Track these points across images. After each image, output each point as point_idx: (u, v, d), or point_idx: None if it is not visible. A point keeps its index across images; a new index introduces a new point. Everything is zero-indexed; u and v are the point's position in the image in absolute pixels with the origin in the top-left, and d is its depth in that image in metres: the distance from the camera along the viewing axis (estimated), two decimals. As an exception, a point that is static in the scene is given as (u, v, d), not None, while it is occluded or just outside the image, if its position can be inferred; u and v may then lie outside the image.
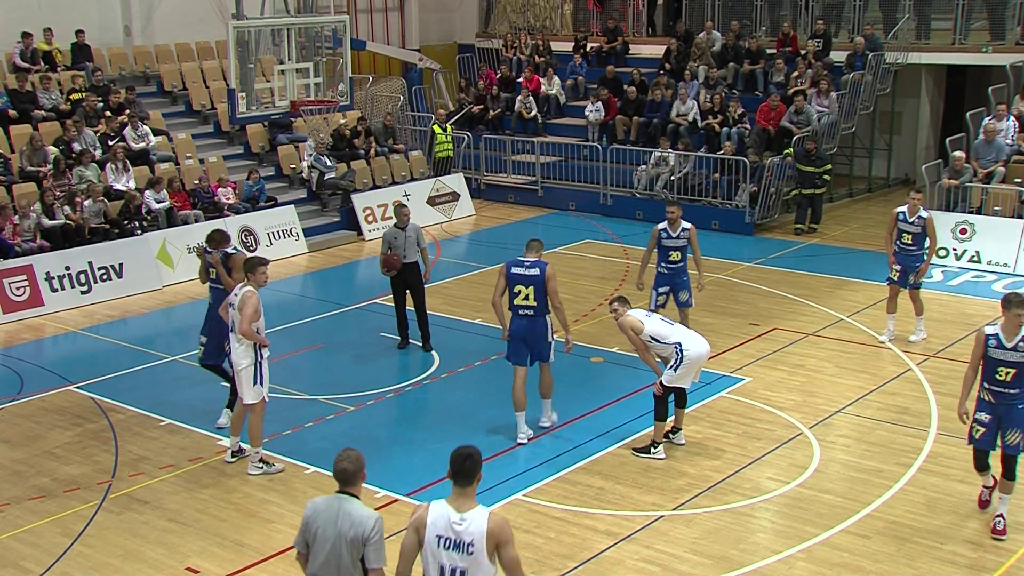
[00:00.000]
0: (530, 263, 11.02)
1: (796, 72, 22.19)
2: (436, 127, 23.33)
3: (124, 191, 18.39)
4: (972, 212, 18.18)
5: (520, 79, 25.58)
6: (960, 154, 18.50)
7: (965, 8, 22.46)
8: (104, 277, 17.08)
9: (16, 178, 18.15)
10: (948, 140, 19.81)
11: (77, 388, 13.22)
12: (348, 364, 13.94)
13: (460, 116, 25.12)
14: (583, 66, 25.94)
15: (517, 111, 24.49)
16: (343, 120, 22.16)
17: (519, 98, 24.61)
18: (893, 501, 9.91)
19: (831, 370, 13.20)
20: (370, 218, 20.99)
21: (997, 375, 8.95)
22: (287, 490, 10.38)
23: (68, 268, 16.72)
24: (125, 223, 17.80)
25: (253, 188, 19.96)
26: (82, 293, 16.82)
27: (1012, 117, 18.98)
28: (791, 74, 22.28)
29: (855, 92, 21.93)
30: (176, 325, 16.07)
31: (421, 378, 13.32)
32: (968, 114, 20.30)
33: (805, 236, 19.96)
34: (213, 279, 11.64)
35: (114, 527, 9.76)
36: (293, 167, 21.66)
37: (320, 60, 17.87)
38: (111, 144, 19.19)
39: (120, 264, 17.27)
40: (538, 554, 9.06)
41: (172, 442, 11.55)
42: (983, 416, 9.08)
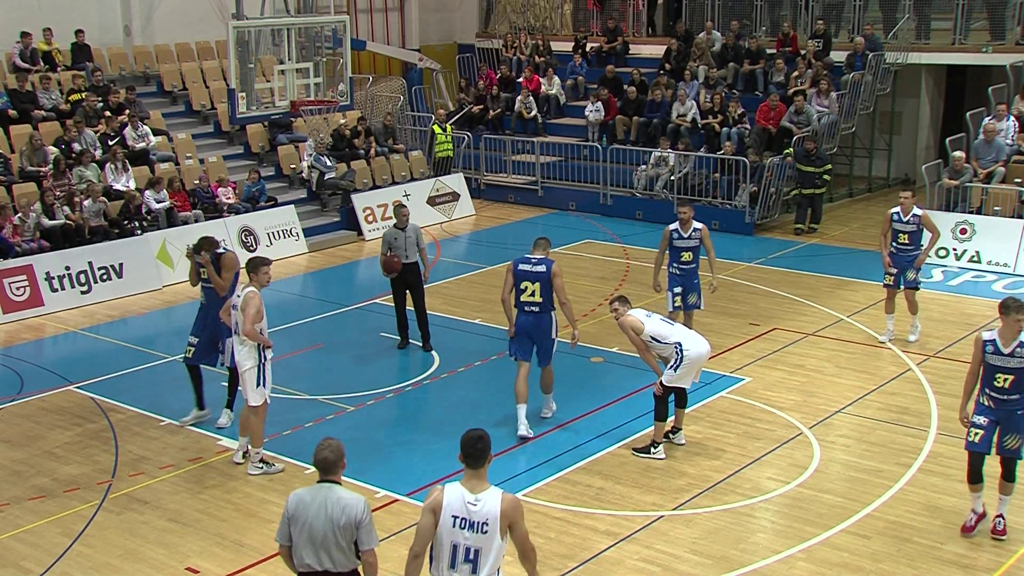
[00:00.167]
0: (537, 260, 11.15)
1: (796, 72, 22.18)
2: (436, 127, 23.32)
3: (124, 191, 18.39)
4: (972, 212, 18.19)
5: (520, 79, 25.56)
6: (960, 154, 18.51)
7: (965, 8, 22.46)
8: (104, 277, 17.08)
9: (16, 178, 18.15)
10: (948, 140, 19.81)
11: (77, 388, 13.22)
12: (348, 364, 13.94)
13: (460, 116, 25.11)
14: (583, 66, 25.92)
15: (517, 111, 24.48)
16: (343, 120, 22.15)
17: (519, 98, 24.59)
18: (893, 501, 9.91)
19: (831, 370, 13.21)
20: (370, 218, 20.99)
21: (995, 382, 8.87)
22: (287, 490, 10.24)
23: (68, 268, 16.72)
24: (125, 223, 17.80)
25: (253, 188, 19.95)
26: (82, 293, 16.82)
27: (1012, 117, 18.98)
28: (791, 74, 22.28)
29: (855, 92, 21.92)
30: (176, 325, 16.00)
31: (421, 378, 13.33)
32: (968, 114, 20.30)
33: (805, 236, 19.96)
34: (204, 279, 11.66)
35: (114, 527, 9.76)
36: (293, 167, 21.65)
37: (320, 60, 17.89)
38: (111, 144, 19.19)
39: (120, 264, 17.27)
40: (538, 554, 9.01)
41: (172, 442, 11.56)
42: (981, 419, 9.00)
